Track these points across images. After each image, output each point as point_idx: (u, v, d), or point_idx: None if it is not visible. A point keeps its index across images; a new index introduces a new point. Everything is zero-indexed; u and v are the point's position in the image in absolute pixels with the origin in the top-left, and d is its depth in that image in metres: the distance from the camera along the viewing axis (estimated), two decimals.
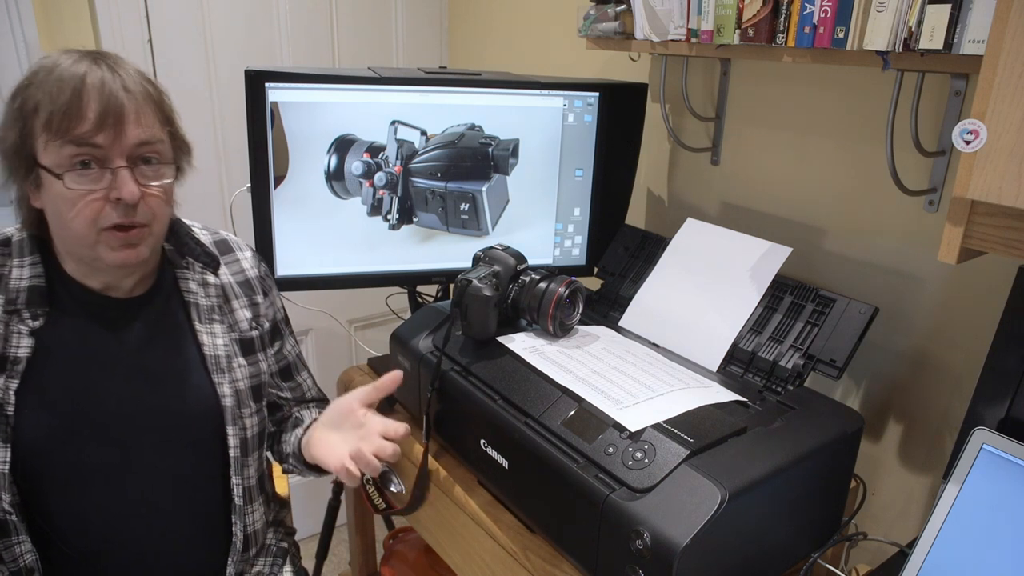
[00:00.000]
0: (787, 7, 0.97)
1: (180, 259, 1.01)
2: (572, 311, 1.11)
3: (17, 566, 0.92)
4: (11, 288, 0.90)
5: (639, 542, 0.77)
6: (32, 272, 0.91)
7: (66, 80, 0.82)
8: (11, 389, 0.88)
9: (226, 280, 1.04)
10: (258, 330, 1.06)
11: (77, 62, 0.84)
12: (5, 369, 0.88)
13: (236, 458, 1.01)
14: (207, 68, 1.73)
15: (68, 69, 0.83)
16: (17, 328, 0.89)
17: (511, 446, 0.97)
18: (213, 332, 1.01)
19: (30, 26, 1.51)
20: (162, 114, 0.89)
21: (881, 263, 1.18)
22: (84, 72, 0.82)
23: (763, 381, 1.04)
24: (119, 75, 0.84)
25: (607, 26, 1.27)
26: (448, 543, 1.16)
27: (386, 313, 1.78)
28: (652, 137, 1.52)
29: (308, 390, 1.19)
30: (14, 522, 0.90)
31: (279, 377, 1.14)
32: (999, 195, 0.68)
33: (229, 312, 1.04)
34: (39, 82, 0.83)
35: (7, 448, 0.88)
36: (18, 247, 0.92)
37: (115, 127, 0.83)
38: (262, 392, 1.07)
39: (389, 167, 1.30)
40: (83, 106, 0.81)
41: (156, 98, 0.89)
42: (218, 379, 1.00)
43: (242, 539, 1.04)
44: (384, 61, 2.01)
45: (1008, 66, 0.65)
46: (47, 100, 0.81)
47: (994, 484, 0.83)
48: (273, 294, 1.11)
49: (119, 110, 0.83)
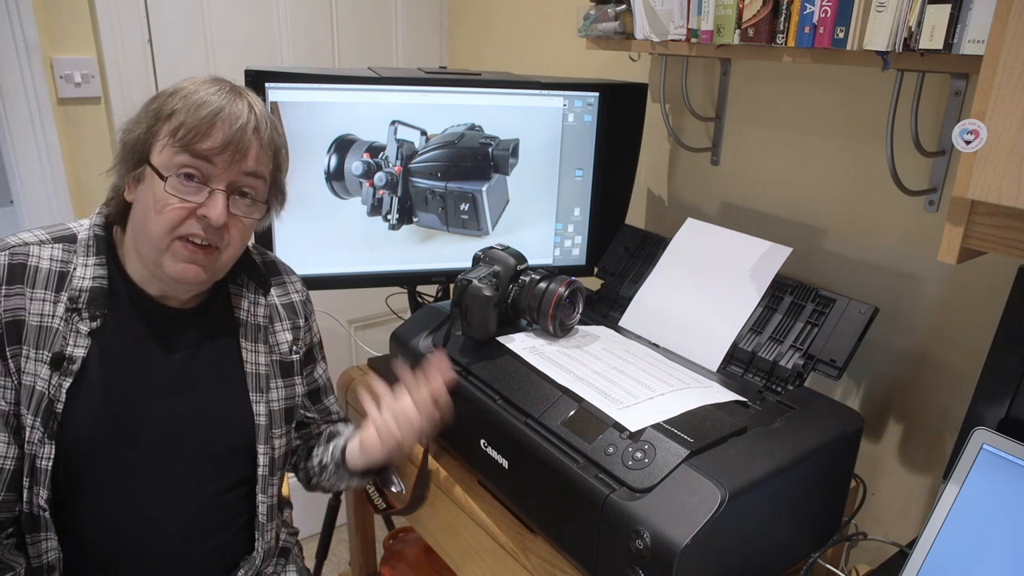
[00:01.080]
0: (787, 7, 0.97)
1: (235, 277, 1.02)
2: (572, 311, 1.11)
3: (40, 562, 0.93)
4: (75, 287, 0.91)
5: (639, 542, 0.77)
6: (96, 272, 0.92)
7: (207, 102, 0.87)
8: (64, 387, 0.89)
9: (273, 302, 1.06)
10: (298, 354, 1.08)
11: (217, 93, 0.89)
12: (61, 367, 0.89)
13: (264, 476, 1.02)
14: (207, 68, 1.73)
15: (212, 94, 0.88)
16: (76, 327, 0.90)
17: (511, 446, 0.97)
18: (257, 351, 1.02)
19: (30, 26, 1.51)
20: (275, 160, 0.95)
21: (881, 263, 1.18)
22: (225, 103, 0.88)
23: (763, 381, 1.04)
24: (255, 113, 0.90)
25: (607, 26, 1.27)
26: (448, 543, 1.16)
27: (386, 313, 1.77)
28: (652, 137, 1.52)
29: (335, 413, 1.21)
30: (46, 519, 0.91)
31: (308, 399, 1.16)
32: (999, 195, 0.68)
33: (273, 333, 1.05)
34: (183, 95, 0.88)
35: (52, 445, 0.89)
36: (84, 246, 0.93)
37: (232, 156, 0.88)
38: (294, 415, 1.09)
39: (389, 167, 1.30)
40: (214, 130, 0.87)
41: (276, 145, 0.94)
42: (256, 398, 1.01)
43: (262, 555, 1.06)
44: (384, 61, 2.01)
45: (1008, 66, 0.65)
46: (184, 112, 0.86)
47: (994, 484, 0.83)
48: (312, 319, 1.14)
49: (243, 146, 0.89)
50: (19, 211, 1.63)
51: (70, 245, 0.92)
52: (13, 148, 1.56)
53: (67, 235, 0.93)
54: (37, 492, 0.89)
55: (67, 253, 0.92)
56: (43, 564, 0.93)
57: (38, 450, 0.88)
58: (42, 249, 0.91)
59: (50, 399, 0.88)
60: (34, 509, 0.90)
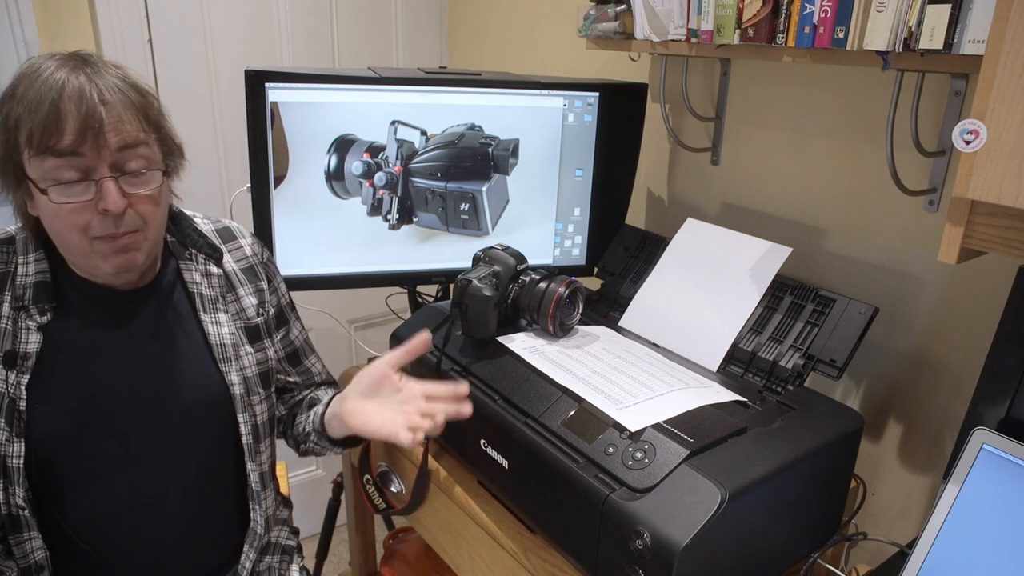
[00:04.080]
0: (787, 7, 0.97)
1: (183, 250, 1.01)
2: (572, 311, 1.11)
3: (28, 562, 0.92)
4: (18, 285, 0.91)
5: (639, 542, 0.77)
6: (37, 268, 0.92)
7: (44, 93, 0.80)
8: (22, 384, 0.89)
9: (230, 268, 1.04)
10: (263, 316, 1.06)
11: (56, 70, 0.82)
12: (16, 365, 0.89)
13: (249, 445, 1.02)
14: (207, 68, 1.73)
15: (47, 81, 0.81)
16: (25, 324, 0.90)
17: (511, 446, 0.97)
18: (218, 321, 1.01)
19: (30, 26, 1.51)
20: (146, 118, 0.87)
21: (881, 263, 1.18)
22: (62, 83, 0.81)
23: (763, 381, 1.04)
24: (96, 83, 0.82)
25: (607, 26, 1.27)
26: (448, 543, 1.16)
27: (386, 313, 1.78)
28: (652, 137, 1.52)
29: (317, 374, 1.19)
30: (26, 518, 0.91)
31: (287, 362, 1.15)
32: (999, 195, 0.68)
33: (235, 300, 1.04)
34: (20, 95, 0.81)
35: (21, 443, 0.88)
36: (23, 244, 0.93)
37: (95, 139, 0.82)
38: (270, 378, 1.07)
39: (389, 167, 1.30)
40: (61, 120, 0.80)
41: (138, 103, 0.86)
42: (225, 368, 1.00)
43: (262, 523, 1.05)
44: (384, 61, 2.01)
45: (1008, 66, 0.65)
46: (27, 114, 0.80)
47: (994, 484, 0.83)
48: (277, 280, 1.11)
49: (97, 122, 0.81)
50: None
51: (8, 246, 0.92)
52: None
53: (4, 237, 0.93)
54: (13, 492, 0.89)
55: (5, 254, 0.92)
56: (31, 565, 0.92)
57: (6, 449, 0.88)
58: None
59: (11, 398, 0.88)
60: (12, 509, 0.90)
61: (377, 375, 0.98)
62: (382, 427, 0.93)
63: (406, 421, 0.91)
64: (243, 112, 1.20)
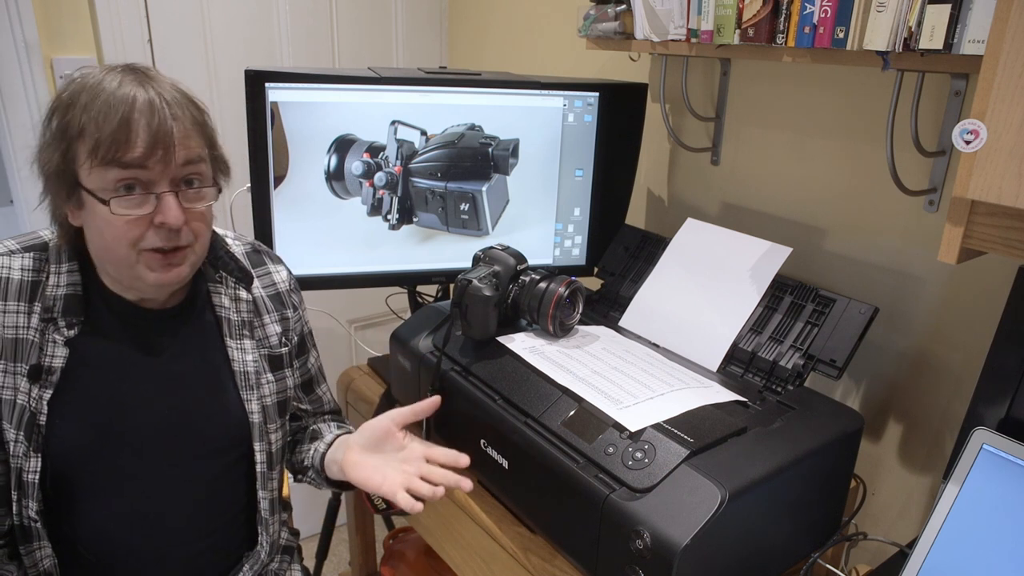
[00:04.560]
0: (787, 7, 0.97)
1: (214, 273, 1.00)
2: (572, 311, 1.11)
3: (36, 570, 0.92)
4: (48, 296, 0.89)
5: (639, 542, 0.77)
6: (69, 280, 0.90)
7: (114, 105, 0.80)
8: (44, 399, 0.87)
9: (258, 294, 1.04)
10: (287, 346, 1.06)
11: (122, 84, 0.82)
12: (39, 379, 0.87)
13: (263, 472, 1.01)
14: (207, 68, 1.73)
15: (115, 93, 0.81)
16: (52, 337, 0.88)
17: (511, 446, 0.97)
18: (243, 348, 1.00)
19: (30, 26, 1.51)
20: (206, 136, 0.89)
21: (881, 263, 1.18)
22: (132, 96, 0.81)
23: (763, 381, 1.04)
24: (165, 98, 0.83)
25: (607, 26, 1.27)
26: (448, 543, 1.16)
27: (386, 313, 1.78)
28: (652, 137, 1.52)
29: (327, 403, 1.19)
30: (37, 529, 0.90)
31: (301, 390, 1.14)
32: (999, 195, 0.68)
33: (260, 327, 1.03)
34: (83, 105, 0.81)
35: (38, 458, 0.87)
36: (55, 253, 0.90)
37: (164, 153, 0.82)
38: (287, 407, 1.07)
39: (389, 167, 1.30)
40: (132, 133, 0.80)
41: (200, 120, 0.88)
42: (247, 396, 0.99)
43: (268, 550, 1.05)
44: (384, 61, 2.01)
45: (1008, 66, 0.65)
46: (93, 126, 0.80)
47: (994, 484, 0.83)
48: (302, 308, 1.11)
49: (167, 136, 0.82)
50: (19, 211, 1.63)
51: (41, 254, 0.90)
52: (13, 148, 1.56)
53: (38, 244, 0.91)
54: (26, 504, 0.89)
55: (38, 262, 0.89)
56: (39, 572, 0.92)
57: (23, 464, 0.87)
58: (12, 260, 0.88)
59: (32, 412, 0.87)
60: (24, 520, 0.90)
61: (382, 431, 0.98)
62: (382, 484, 0.93)
63: (404, 482, 0.91)
64: (243, 112, 1.20)
